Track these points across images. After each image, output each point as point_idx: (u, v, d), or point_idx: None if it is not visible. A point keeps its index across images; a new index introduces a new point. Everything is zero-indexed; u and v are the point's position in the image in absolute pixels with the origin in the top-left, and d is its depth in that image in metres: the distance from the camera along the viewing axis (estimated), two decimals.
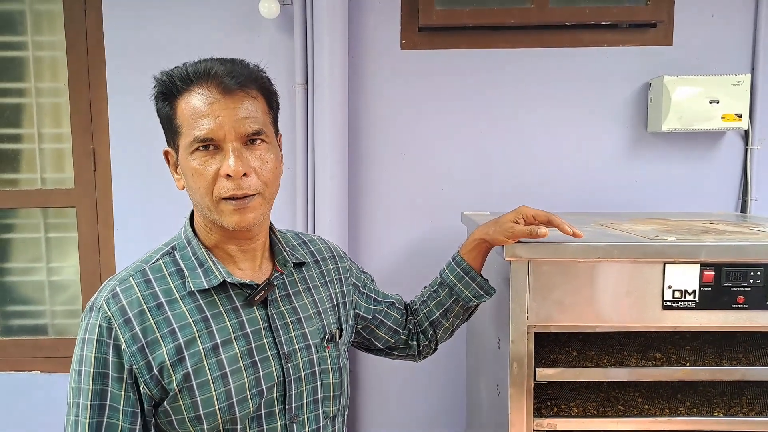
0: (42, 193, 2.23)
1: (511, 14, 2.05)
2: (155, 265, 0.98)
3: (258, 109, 0.95)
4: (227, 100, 0.91)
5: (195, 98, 0.91)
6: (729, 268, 1.19)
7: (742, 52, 2.07)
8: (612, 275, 1.21)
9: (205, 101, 0.91)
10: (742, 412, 1.35)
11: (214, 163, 0.91)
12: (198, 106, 0.91)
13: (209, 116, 0.90)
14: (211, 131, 0.90)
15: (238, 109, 0.91)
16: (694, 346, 1.46)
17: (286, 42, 2.10)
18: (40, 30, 2.20)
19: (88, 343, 0.91)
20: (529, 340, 1.24)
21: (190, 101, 0.91)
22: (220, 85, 0.91)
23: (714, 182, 2.12)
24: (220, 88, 0.91)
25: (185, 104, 0.92)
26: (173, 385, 0.91)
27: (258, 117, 0.94)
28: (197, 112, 0.91)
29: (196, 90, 0.91)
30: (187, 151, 0.92)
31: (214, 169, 0.91)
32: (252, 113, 0.93)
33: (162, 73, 0.95)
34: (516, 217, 1.18)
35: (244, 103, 0.92)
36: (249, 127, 0.92)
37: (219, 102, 0.90)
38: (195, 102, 0.91)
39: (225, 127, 0.90)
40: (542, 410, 1.34)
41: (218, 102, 0.90)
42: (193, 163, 0.92)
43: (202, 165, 0.91)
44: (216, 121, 0.90)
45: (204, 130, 0.90)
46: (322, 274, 1.15)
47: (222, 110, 0.90)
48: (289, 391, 1.00)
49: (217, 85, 0.91)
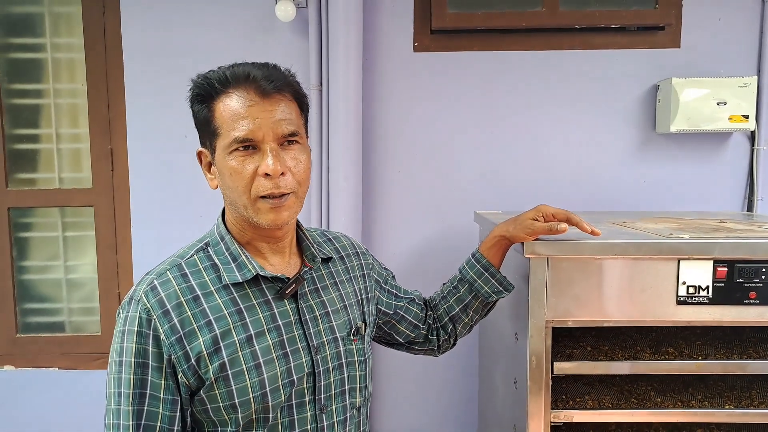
0: (60, 192, 2.27)
1: (522, 17, 2.09)
2: (190, 260, 1.01)
3: (292, 111, 0.99)
4: (265, 102, 0.95)
5: (233, 101, 0.95)
6: (741, 265, 1.23)
7: (748, 54, 2.11)
8: (628, 272, 1.25)
9: (244, 103, 0.95)
10: (753, 404, 1.38)
11: (252, 163, 0.95)
12: (237, 108, 0.95)
13: (248, 118, 0.94)
14: (251, 132, 0.94)
15: (275, 112, 0.96)
16: (705, 341, 1.49)
17: (301, 44, 2.14)
18: (58, 32, 2.24)
19: (128, 335, 0.94)
20: (547, 335, 1.27)
21: (229, 104, 0.95)
22: (259, 89, 0.95)
23: (721, 182, 2.16)
24: (259, 92, 0.95)
25: (224, 106, 0.96)
26: (210, 375, 0.94)
27: (293, 119, 0.98)
28: (236, 113, 0.94)
29: (234, 93, 0.95)
30: (226, 152, 0.96)
31: (252, 168, 0.95)
32: (287, 115, 0.97)
33: (199, 76, 0.99)
34: (536, 214, 1.22)
35: (280, 106, 0.97)
36: (285, 129, 0.96)
37: (258, 105, 0.95)
38: (234, 104, 0.95)
39: (263, 129, 0.94)
40: (558, 403, 1.38)
41: (257, 105, 0.95)
42: (231, 162, 0.96)
43: (240, 165, 0.95)
44: (255, 122, 0.94)
45: (243, 131, 0.94)
46: (347, 270, 1.18)
47: (260, 112, 0.94)
48: (318, 382, 1.03)
49: (255, 89, 0.95)
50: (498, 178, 2.18)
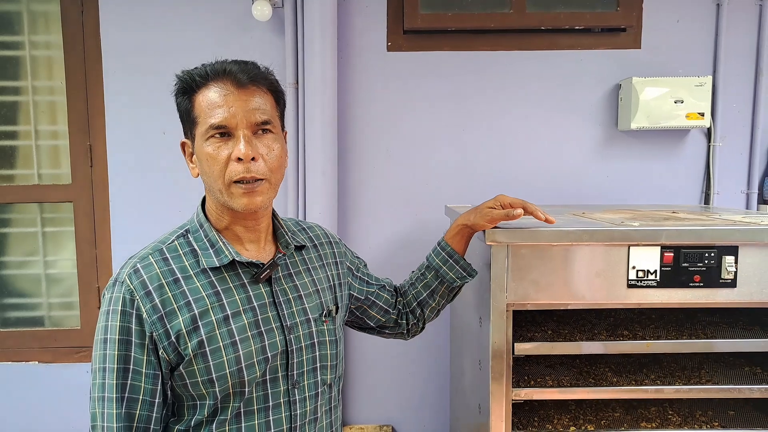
0: (39, 188, 2.30)
1: (492, 19, 2.18)
2: (171, 246, 1.08)
3: (267, 103, 1.06)
4: (240, 92, 1.03)
5: (211, 91, 1.03)
6: (686, 250, 1.32)
7: (704, 55, 2.23)
8: (583, 257, 1.34)
9: (220, 93, 1.03)
10: (701, 382, 1.48)
11: (226, 149, 1.03)
12: (214, 98, 1.03)
13: (223, 106, 1.02)
14: (225, 119, 1.02)
15: (249, 101, 1.03)
16: (658, 325, 1.59)
17: (278, 43, 2.20)
18: (36, 30, 2.27)
19: (113, 314, 1.00)
20: (508, 317, 1.36)
21: (207, 94, 1.03)
22: (235, 80, 1.03)
23: (680, 176, 2.27)
24: (234, 83, 1.03)
25: (202, 97, 1.04)
26: (188, 351, 1.01)
27: (266, 109, 1.06)
28: (213, 102, 1.02)
29: (213, 85, 1.03)
30: (203, 138, 1.04)
31: (227, 154, 1.03)
32: (261, 105, 1.05)
33: (183, 72, 1.06)
34: (494, 203, 1.31)
35: (255, 96, 1.04)
36: (258, 117, 1.04)
37: (233, 94, 1.03)
38: (211, 95, 1.03)
39: (237, 116, 1.02)
40: (520, 383, 1.47)
41: (232, 94, 1.03)
42: (207, 148, 1.03)
43: (215, 150, 1.03)
44: (230, 110, 1.02)
45: (219, 118, 1.02)
46: (320, 257, 1.25)
47: (235, 101, 1.02)
48: (291, 359, 1.10)
49: (231, 80, 1.03)
50: (468, 173, 2.27)
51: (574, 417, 1.57)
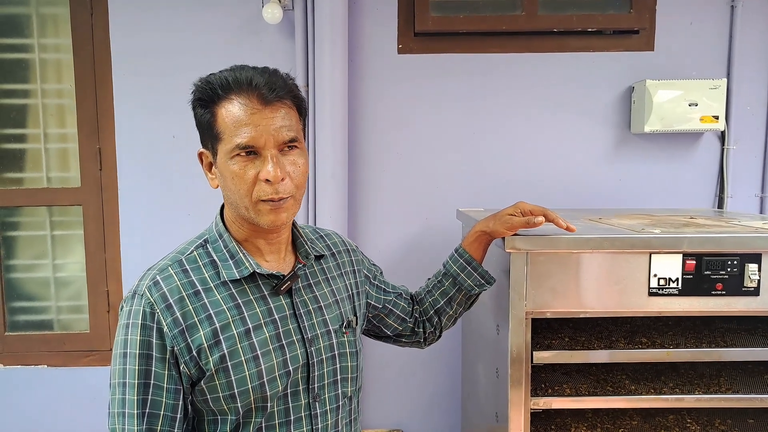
0: (48, 191, 2.29)
1: (503, 21, 2.16)
2: (191, 257, 1.06)
3: (292, 117, 1.03)
4: (266, 110, 0.99)
5: (235, 107, 0.99)
6: (709, 258, 1.31)
7: (718, 57, 2.21)
8: (603, 265, 1.32)
9: (246, 111, 0.98)
10: (721, 390, 1.47)
11: (253, 168, 1.00)
12: (239, 115, 0.99)
13: (250, 125, 0.98)
14: (252, 139, 0.98)
15: (275, 119, 1.00)
16: (676, 332, 1.58)
17: (288, 46, 2.18)
18: (45, 33, 2.26)
19: (133, 327, 0.99)
20: (527, 326, 1.34)
21: (231, 110, 0.99)
22: (260, 96, 0.99)
23: (693, 180, 2.25)
24: (260, 99, 0.99)
25: (226, 112, 1.00)
26: (210, 366, 0.99)
27: (292, 125, 1.03)
28: (239, 120, 0.99)
29: (236, 99, 0.99)
30: (227, 156, 1.00)
31: (254, 174, 1.00)
32: (287, 122, 1.01)
33: (201, 80, 1.02)
34: (514, 210, 1.29)
35: (281, 113, 1.01)
36: (285, 135, 1.01)
37: (260, 113, 0.99)
38: (236, 111, 0.99)
39: (264, 136, 0.99)
40: (538, 391, 1.45)
41: (259, 113, 0.99)
42: (233, 167, 1.00)
43: (242, 169, 1.00)
44: (257, 129, 0.98)
45: (245, 138, 0.98)
46: (338, 266, 1.24)
47: (262, 120, 0.99)
48: (312, 372, 1.09)
49: (257, 96, 0.99)
50: (479, 176, 2.25)
51: (591, 425, 1.56)
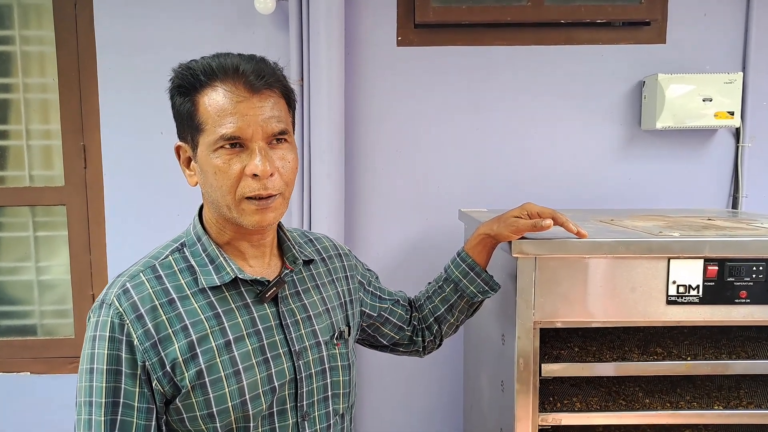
0: (31, 190, 2.19)
1: (507, 12, 2.06)
2: (165, 262, 0.96)
3: (281, 108, 0.94)
4: (254, 99, 0.89)
5: (220, 95, 0.89)
6: (732, 264, 1.20)
7: (733, 50, 2.10)
8: (617, 271, 1.22)
9: (232, 99, 0.89)
10: (741, 405, 1.37)
11: (238, 162, 0.90)
12: (224, 103, 0.89)
13: (236, 114, 0.88)
14: (239, 129, 0.88)
15: (264, 108, 0.90)
16: (692, 341, 1.48)
17: (282, 38, 2.08)
18: (27, 24, 2.16)
19: (100, 340, 0.89)
20: (535, 336, 1.24)
21: (215, 98, 0.89)
22: (248, 84, 0.89)
23: (706, 179, 2.15)
24: (248, 87, 0.89)
25: (209, 100, 0.90)
26: (186, 382, 0.89)
27: (282, 116, 0.93)
28: (223, 109, 0.89)
29: (221, 86, 0.89)
30: (210, 149, 0.90)
31: (239, 168, 0.90)
32: (277, 113, 0.92)
33: (181, 66, 0.93)
34: (521, 212, 1.19)
35: (269, 102, 0.91)
36: (275, 127, 0.91)
37: (247, 101, 0.89)
38: (220, 99, 0.89)
39: (252, 126, 0.89)
40: (546, 405, 1.35)
41: (246, 101, 0.89)
42: (216, 161, 0.90)
43: (225, 163, 0.90)
44: (243, 119, 0.88)
45: (231, 128, 0.88)
46: (329, 272, 1.14)
47: (249, 109, 0.89)
48: (300, 388, 0.99)
49: (244, 83, 0.89)
50: (482, 174, 2.15)
51: None
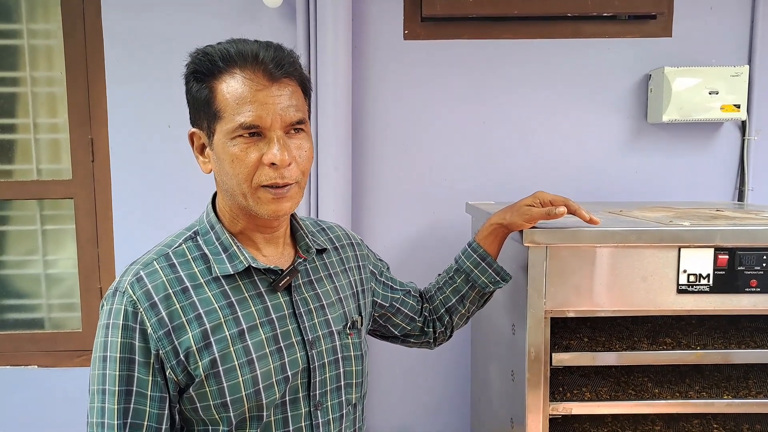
0: (39, 184, 2.19)
1: (514, 5, 2.05)
2: (179, 250, 0.96)
3: (299, 97, 0.94)
4: (273, 87, 0.89)
5: (239, 82, 0.89)
6: (743, 252, 1.21)
7: (739, 44, 2.10)
8: (628, 260, 1.22)
9: (251, 87, 0.88)
10: (750, 394, 1.37)
11: (256, 151, 0.90)
12: (243, 91, 0.88)
13: (255, 103, 0.88)
14: (258, 118, 0.88)
15: (282, 97, 0.90)
16: (701, 331, 1.48)
17: (289, 31, 2.08)
18: (35, 18, 2.16)
19: (113, 328, 0.89)
20: (546, 326, 1.25)
21: (234, 85, 0.89)
22: (267, 72, 0.89)
23: (712, 172, 2.15)
24: (267, 75, 0.89)
25: (227, 87, 0.89)
26: (199, 371, 0.89)
27: (300, 105, 0.93)
28: (242, 97, 0.88)
29: (240, 73, 0.89)
30: (228, 137, 0.90)
31: (256, 156, 0.90)
32: (295, 102, 0.92)
33: (197, 51, 0.92)
34: (533, 201, 1.19)
35: (288, 91, 0.91)
36: (294, 116, 0.91)
37: (266, 89, 0.89)
38: (239, 87, 0.89)
39: (271, 115, 0.89)
40: (556, 395, 1.35)
41: (265, 89, 0.89)
42: (233, 149, 0.90)
43: (243, 152, 0.90)
44: (263, 108, 0.88)
45: (250, 117, 0.88)
46: (342, 261, 1.14)
47: (268, 97, 0.89)
48: (313, 377, 0.99)
49: (263, 72, 0.89)
50: (489, 167, 2.15)
51: (611, 430, 1.46)
